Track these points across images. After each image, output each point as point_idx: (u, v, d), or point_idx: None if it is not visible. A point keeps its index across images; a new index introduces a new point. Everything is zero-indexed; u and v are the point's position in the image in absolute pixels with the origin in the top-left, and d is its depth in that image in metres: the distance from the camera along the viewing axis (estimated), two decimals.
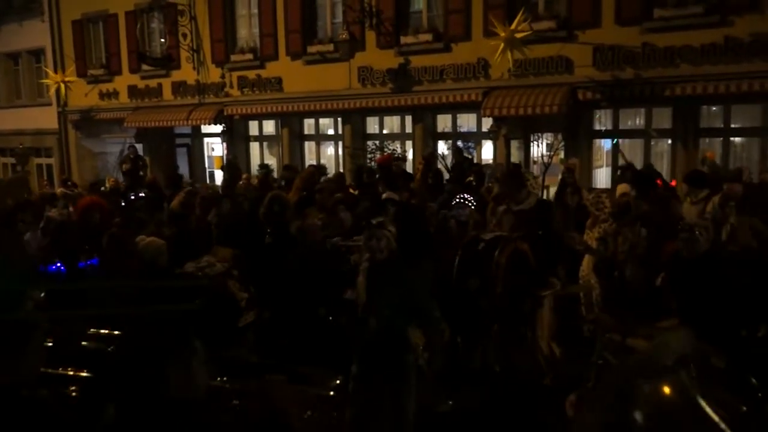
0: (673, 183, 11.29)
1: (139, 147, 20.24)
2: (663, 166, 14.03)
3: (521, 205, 7.11)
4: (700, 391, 1.65)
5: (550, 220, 7.13)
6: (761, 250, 6.76)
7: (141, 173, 17.37)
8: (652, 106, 14.31)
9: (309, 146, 19.98)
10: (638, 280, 6.34)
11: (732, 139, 14.16)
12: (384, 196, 8.73)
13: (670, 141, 14.35)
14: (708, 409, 1.60)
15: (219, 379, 4.74)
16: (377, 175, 12.05)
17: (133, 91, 21.63)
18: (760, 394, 4.49)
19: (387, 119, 18.34)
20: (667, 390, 1.66)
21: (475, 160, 15.34)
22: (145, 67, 20.96)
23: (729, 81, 12.65)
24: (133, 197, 10.33)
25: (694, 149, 13.86)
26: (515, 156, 16.01)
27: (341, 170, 17.39)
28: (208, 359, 3.33)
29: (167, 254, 6.28)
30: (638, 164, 13.53)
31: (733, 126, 14.06)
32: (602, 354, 5.01)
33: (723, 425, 1.59)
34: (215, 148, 21.88)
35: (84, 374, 5.00)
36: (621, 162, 12.11)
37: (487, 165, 15.26)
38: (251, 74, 19.23)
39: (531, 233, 6.67)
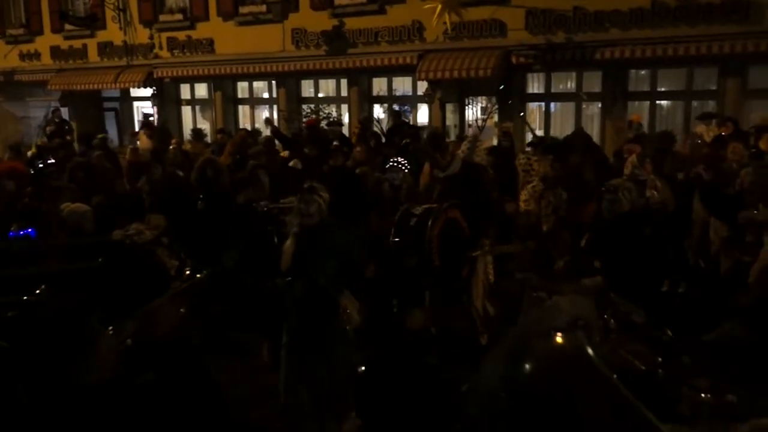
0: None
1: (65, 111, 19.54)
2: (593, 129, 14.34)
3: (447, 171, 7.12)
4: (596, 352, 1.71)
5: (478, 183, 7.16)
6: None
7: (68, 137, 16.76)
8: (583, 70, 14.56)
9: (243, 110, 19.66)
10: (561, 240, 6.51)
11: (658, 102, 14.55)
12: (291, 164, 8.69)
13: (600, 104, 14.66)
14: (604, 369, 1.66)
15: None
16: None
17: (56, 52, 20.78)
18: (675, 346, 4.70)
19: (322, 82, 18.17)
20: (559, 347, 1.72)
21: (410, 124, 15.37)
22: (68, 26, 20.15)
23: (656, 45, 12.95)
24: (41, 165, 9.91)
25: (622, 112, 14.20)
26: (450, 119, 16.13)
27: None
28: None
29: (93, 221, 6.13)
30: (569, 127, 13.89)
31: (659, 89, 14.45)
32: (529, 312, 5.15)
33: (618, 384, 1.66)
34: (145, 111, 21.27)
35: None
36: (530, 137, 12.30)
37: (424, 128, 15.32)
38: (181, 35, 18.73)
39: (460, 198, 6.68)
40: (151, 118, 19.08)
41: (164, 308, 4.08)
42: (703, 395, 3.45)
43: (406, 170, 7.95)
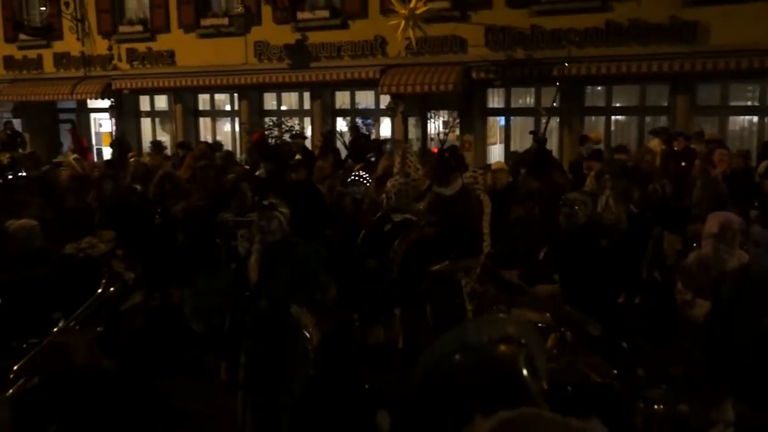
0: None
1: (18, 122, 19.17)
2: (552, 143, 14.61)
3: (447, 189, 7.07)
4: (531, 371, 1.72)
5: (468, 207, 7.16)
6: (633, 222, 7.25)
7: (20, 150, 16.43)
8: (541, 86, 14.86)
9: (204, 122, 19.53)
10: (522, 253, 6.63)
11: (613, 117, 14.92)
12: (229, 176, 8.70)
13: (558, 119, 14.96)
14: (533, 390, 1.67)
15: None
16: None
17: (9, 62, 20.38)
18: (630, 358, 4.84)
19: (285, 95, 18.19)
20: (497, 354, 1.74)
21: (373, 137, 15.49)
22: (23, 36, 19.78)
23: (610, 63, 13.33)
24: (11, 176, 9.74)
25: (579, 126, 14.53)
26: (413, 132, 16.30)
27: (238, 147, 17.19)
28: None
29: (42, 236, 6.04)
30: (528, 141, 14.12)
31: (614, 105, 14.84)
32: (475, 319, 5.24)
33: (539, 399, 1.66)
34: (103, 124, 20.98)
35: None
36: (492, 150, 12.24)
37: (386, 141, 15.47)
38: (141, 47, 18.55)
39: (447, 219, 6.67)
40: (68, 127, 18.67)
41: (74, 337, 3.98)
42: (656, 407, 3.56)
43: (368, 184, 8.06)
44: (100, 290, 4.91)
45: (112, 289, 5.04)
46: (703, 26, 12.72)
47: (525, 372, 1.65)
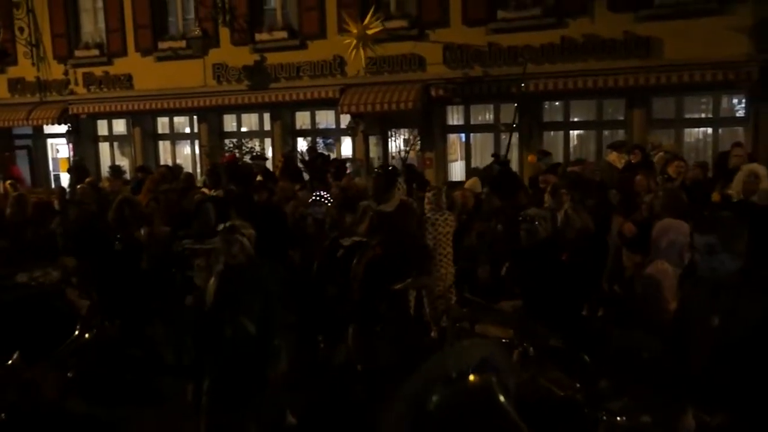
0: None
1: None
2: (512, 158, 14.76)
3: (386, 206, 7.16)
4: (508, 398, 1.72)
5: (409, 221, 7.22)
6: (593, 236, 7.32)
7: None
8: (500, 102, 15.03)
9: (164, 146, 19.35)
10: (486, 270, 6.66)
11: (572, 131, 15.14)
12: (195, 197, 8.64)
13: (517, 134, 15.12)
14: (512, 414, 1.68)
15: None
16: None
17: None
18: (592, 370, 4.87)
19: (245, 117, 18.11)
20: (470, 388, 1.74)
21: (334, 156, 15.50)
22: None
23: (567, 78, 13.55)
24: None
25: (539, 142, 14.71)
26: (374, 151, 16.33)
27: (198, 170, 17.04)
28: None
29: None
30: (488, 157, 14.28)
31: (572, 120, 15.07)
32: (453, 343, 5.24)
33: (519, 422, 1.67)
34: (60, 149, 20.65)
35: None
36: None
37: (348, 160, 15.50)
38: (98, 71, 18.37)
39: (390, 235, 6.72)
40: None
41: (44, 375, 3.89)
42: (618, 418, 3.58)
43: (329, 204, 8.02)
44: (77, 333, 4.82)
45: (87, 335, 4.94)
46: (656, 41, 13.02)
47: (501, 398, 1.66)
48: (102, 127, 19.80)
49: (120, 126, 19.67)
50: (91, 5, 18.61)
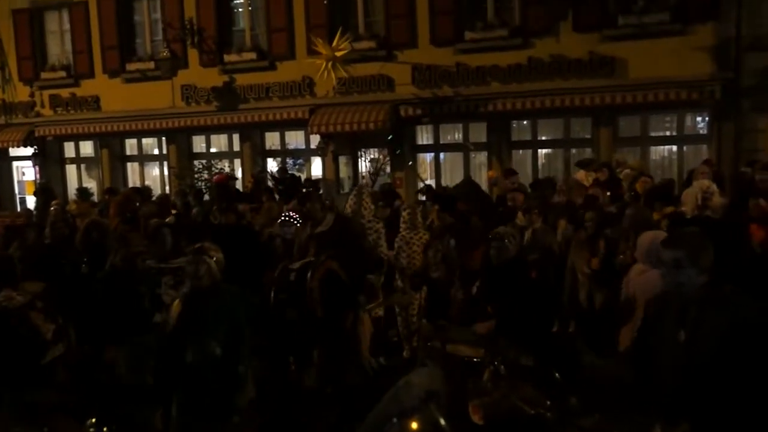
0: None
1: None
2: (481, 177, 14.89)
3: (319, 228, 7.19)
4: (450, 425, 1.76)
5: (350, 235, 7.19)
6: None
7: None
8: (469, 122, 15.16)
9: (132, 167, 19.18)
10: (455, 288, 6.66)
11: (540, 150, 15.31)
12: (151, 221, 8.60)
13: (486, 153, 15.27)
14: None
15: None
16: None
17: None
18: (563, 388, 4.89)
19: (214, 138, 18.02)
20: (415, 426, 1.77)
21: (304, 177, 15.48)
22: None
23: (534, 97, 13.72)
24: None
25: (508, 160, 14.85)
26: (344, 171, 16.34)
27: (167, 191, 16.88)
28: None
29: None
30: (459, 176, 14.41)
31: (540, 138, 15.24)
32: (425, 362, 5.23)
33: None
34: (26, 172, 20.32)
35: None
36: (420, 184, 12.68)
37: (318, 180, 15.49)
38: (65, 93, 18.20)
39: (337, 252, 6.70)
40: None
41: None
42: None
43: (298, 225, 7.99)
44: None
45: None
46: (621, 61, 13.25)
47: (442, 422, 1.69)
48: (69, 149, 19.57)
49: (87, 148, 19.46)
50: (57, 27, 18.48)
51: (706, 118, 13.63)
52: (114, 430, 3.98)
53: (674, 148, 14.17)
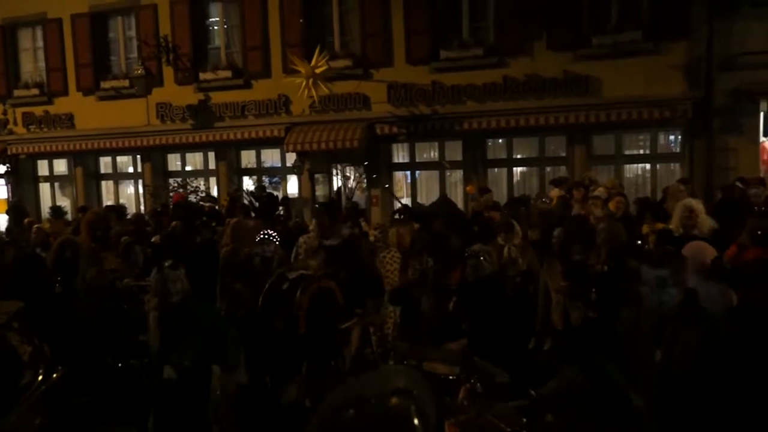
0: None
1: None
2: (457, 195, 14.96)
3: (332, 240, 7.21)
4: (421, 420, 1.74)
5: (357, 254, 7.25)
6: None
7: None
8: (445, 140, 15.23)
9: (106, 185, 18.99)
10: (431, 306, 6.66)
11: (515, 168, 15.42)
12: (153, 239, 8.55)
13: (462, 171, 15.34)
14: None
15: None
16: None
17: None
18: (538, 404, 4.89)
19: (189, 156, 17.93)
20: (389, 408, 1.75)
21: (281, 195, 15.45)
22: None
23: (509, 116, 13.83)
24: None
25: (483, 178, 14.93)
26: (320, 189, 16.31)
27: (142, 209, 16.73)
28: None
29: None
30: (434, 194, 14.45)
31: (515, 157, 15.34)
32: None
33: None
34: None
35: None
36: (396, 204, 12.72)
37: (293, 199, 15.47)
38: (38, 110, 18.04)
39: (339, 268, 6.74)
40: None
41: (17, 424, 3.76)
42: None
43: (277, 242, 7.96)
44: (40, 378, 4.64)
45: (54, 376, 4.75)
46: (595, 80, 13.42)
47: (416, 422, 1.68)
48: (42, 167, 19.37)
49: (61, 166, 19.26)
50: (30, 44, 18.36)
51: (679, 137, 13.82)
52: None
53: (648, 166, 14.33)
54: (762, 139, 12.81)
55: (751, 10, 12.21)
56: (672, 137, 14.15)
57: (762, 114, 12.55)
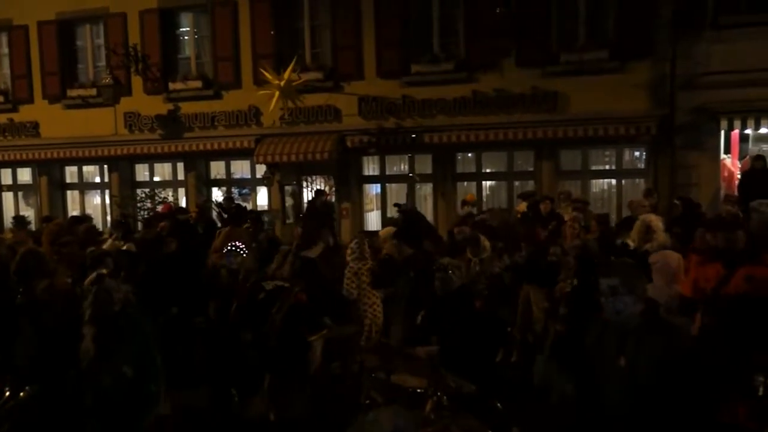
0: None
1: None
2: (427, 208, 15.06)
3: (310, 252, 7.20)
4: None
5: (334, 267, 7.27)
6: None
7: None
8: (415, 153, 15.32)
9: (72, 195, 18.71)
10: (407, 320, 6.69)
11: (484, 182, 15.56)
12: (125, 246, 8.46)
13: (431, 185, 15.43)
14: None
15: None
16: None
17: None
18: (505, 417, 4.93)
19: (158, 166, 17.76)
20: None
21: (250, 207, 15.38)
22: None
23: (479, 130, 13.98)
24: None
25: (452, 192, 15.05)
26: (289, 201, 16.28)
27: (109, 220, 16.54)
28: None
29: None
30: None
31: (484, 171, 15.49)
32: (369, 393, 5.21)
33: None
34: None
35: None
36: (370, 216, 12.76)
37: (264, 212, 15.39)
38: (2, 118, 17.78)
39: (312, 280, 6.72)
40: None
41: None
42: None
43: (244, 255, 7.92)
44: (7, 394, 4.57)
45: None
46: (563, 96, 13.64)
47: None
48: (6, 176, 19.05)
49: (25, 175, 18.95)
50: None
51: (644, 153, 14.09)
52: None
53: (613, 181, 14.57)
54: (722, 156, 13.13)
55: (713, 33, 12.52)
56: (637, 153, 14.42)
57: (722, 132, 12.86)
